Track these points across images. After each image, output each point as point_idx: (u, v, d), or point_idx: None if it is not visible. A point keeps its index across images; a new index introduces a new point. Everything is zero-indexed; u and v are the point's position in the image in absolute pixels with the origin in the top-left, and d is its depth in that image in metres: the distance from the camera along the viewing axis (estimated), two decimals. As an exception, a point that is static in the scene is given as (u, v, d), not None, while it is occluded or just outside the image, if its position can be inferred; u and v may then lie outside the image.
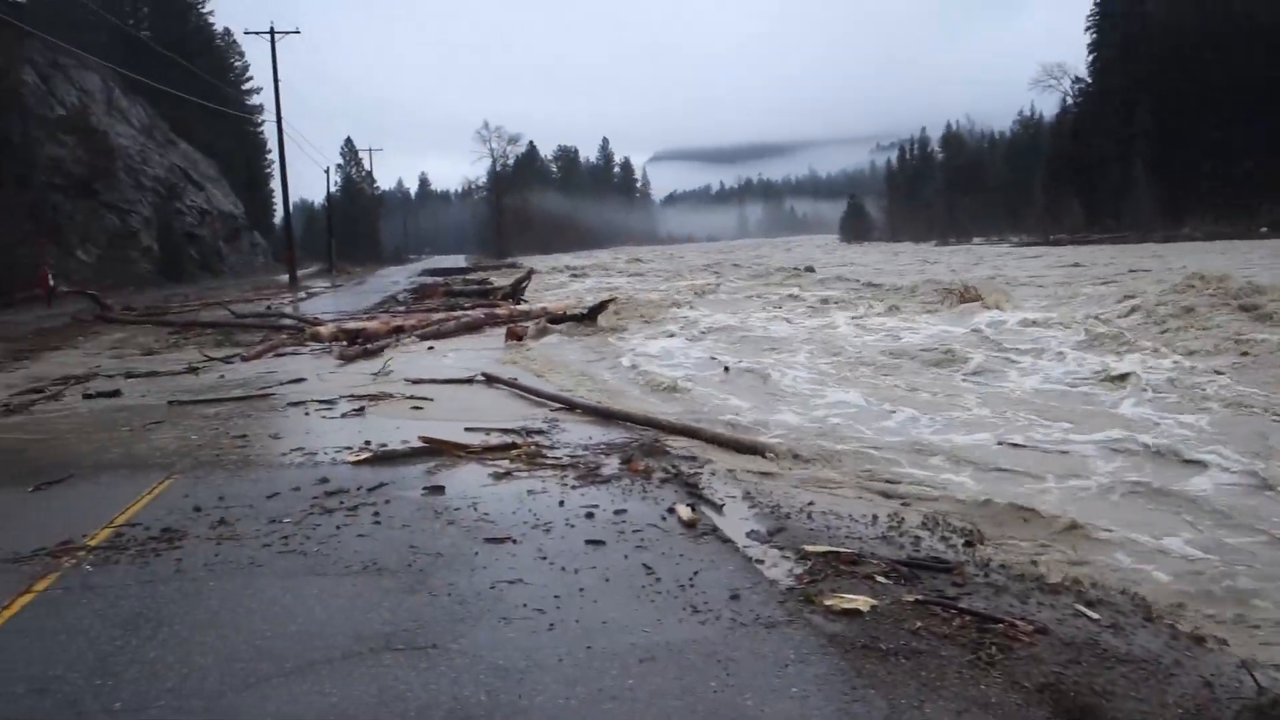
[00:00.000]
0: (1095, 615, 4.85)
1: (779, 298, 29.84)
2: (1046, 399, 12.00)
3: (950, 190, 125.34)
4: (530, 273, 35.92)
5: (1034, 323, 18.37)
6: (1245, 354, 14.12)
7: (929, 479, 8.27)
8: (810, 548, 5.77)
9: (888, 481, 8.13)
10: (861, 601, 4.81)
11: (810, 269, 48.94)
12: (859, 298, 28.33)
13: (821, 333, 19.67)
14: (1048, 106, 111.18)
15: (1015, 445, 9.51)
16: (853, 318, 22.47)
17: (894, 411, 11.30)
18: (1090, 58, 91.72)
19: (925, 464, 8.86)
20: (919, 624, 4.58)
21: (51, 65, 54.65)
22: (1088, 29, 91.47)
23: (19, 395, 13.04)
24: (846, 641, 4.38)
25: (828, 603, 4.82)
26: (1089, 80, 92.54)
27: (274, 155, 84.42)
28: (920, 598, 4.93)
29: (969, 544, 6.13)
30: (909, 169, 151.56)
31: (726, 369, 14.14)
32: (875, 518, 6.65)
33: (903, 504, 7.16)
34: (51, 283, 34.16)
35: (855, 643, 4.36)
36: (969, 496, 7.60)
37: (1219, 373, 12.53)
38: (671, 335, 19.69)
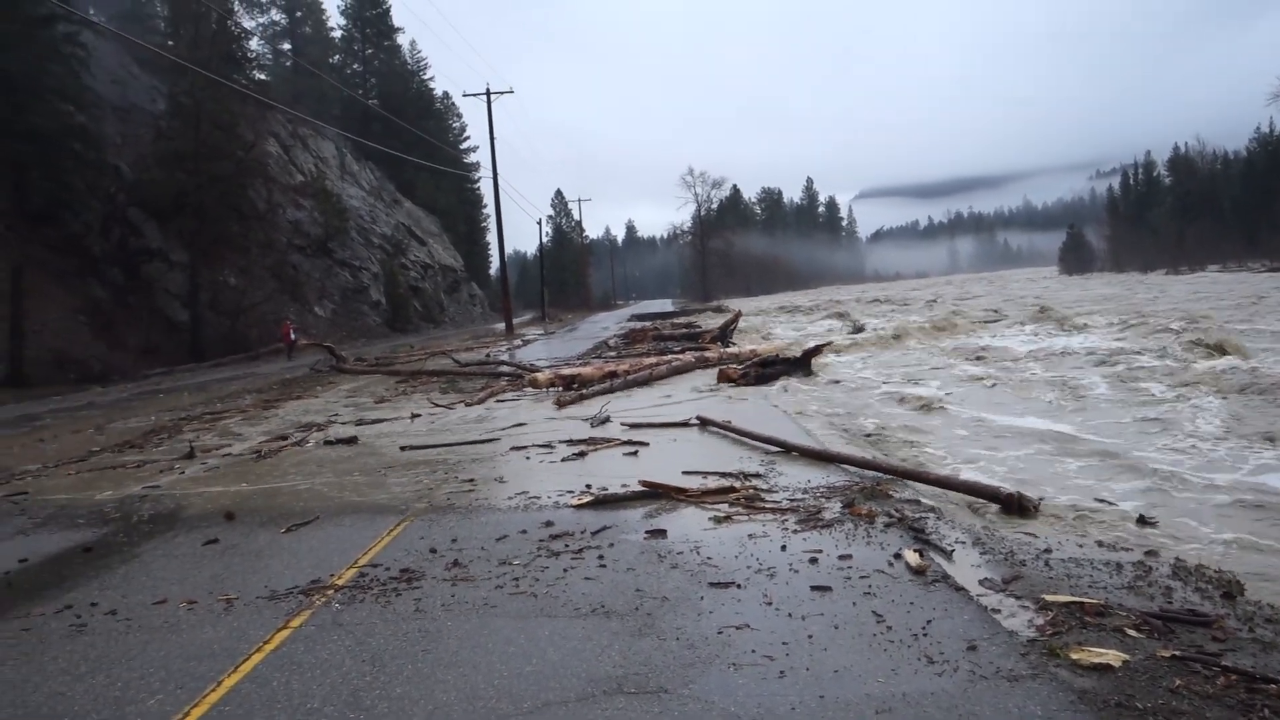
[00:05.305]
0: (1385, 678, 4.38)
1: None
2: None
3: (1180, 216, 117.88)
4: (738, 315, 35.86)
5: None
6: None
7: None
8: (1050, 597, 5.48)
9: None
10: (1112, 656, 4.53)
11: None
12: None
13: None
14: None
15: None
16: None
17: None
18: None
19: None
20: (1178, 682, 4.27)
21: (292, 136, 59.45)
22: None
23: (269, 442, 14.07)
24: (1099, 699, 4.12)
25: (1074, 656, 4.56)
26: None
27: (490, 209, 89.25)
28: (1177, 653, 4.59)
29: (1227, 595, 5.66)
30: (1133, 195, 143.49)
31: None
32: (1120, 566, 6.26)
33: (1147, 553, 6.70)
34: (293, 336, 36.90)
35: (1108, 700, 4.10)
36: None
37: None
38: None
